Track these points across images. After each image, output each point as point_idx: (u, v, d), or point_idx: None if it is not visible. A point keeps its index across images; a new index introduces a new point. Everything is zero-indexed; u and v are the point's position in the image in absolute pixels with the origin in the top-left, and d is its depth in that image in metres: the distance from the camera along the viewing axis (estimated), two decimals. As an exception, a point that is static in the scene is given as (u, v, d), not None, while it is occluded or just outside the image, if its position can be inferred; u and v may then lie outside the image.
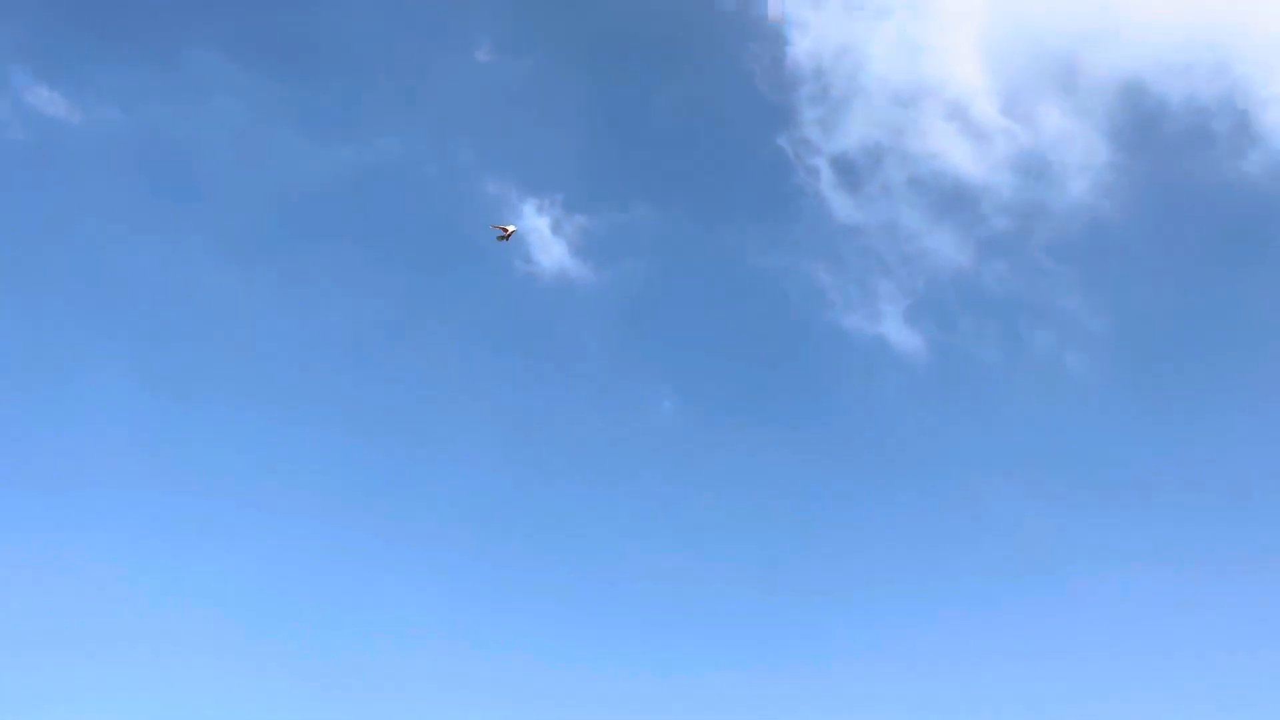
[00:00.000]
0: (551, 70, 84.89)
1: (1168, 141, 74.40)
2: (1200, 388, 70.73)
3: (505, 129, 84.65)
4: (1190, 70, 72.93)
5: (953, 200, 75.33)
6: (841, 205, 77.95)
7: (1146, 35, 73.25)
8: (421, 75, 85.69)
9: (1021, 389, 73.91)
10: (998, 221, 74.94)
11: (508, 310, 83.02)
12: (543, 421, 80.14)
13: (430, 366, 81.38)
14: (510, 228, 53.06)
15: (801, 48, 78.26)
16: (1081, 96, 74.57)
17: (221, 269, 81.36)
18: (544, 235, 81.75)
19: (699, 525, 74.88)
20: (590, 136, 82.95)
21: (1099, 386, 72.24)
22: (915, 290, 75.66)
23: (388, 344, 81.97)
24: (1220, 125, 73.30)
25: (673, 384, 78.44)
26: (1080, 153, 74.06)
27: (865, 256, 76.95)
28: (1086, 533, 69.23)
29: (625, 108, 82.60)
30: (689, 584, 71.89)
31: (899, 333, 75.28)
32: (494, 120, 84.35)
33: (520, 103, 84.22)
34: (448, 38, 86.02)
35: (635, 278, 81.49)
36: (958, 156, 75.07)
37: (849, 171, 77.83)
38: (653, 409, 78.26)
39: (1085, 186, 73.58)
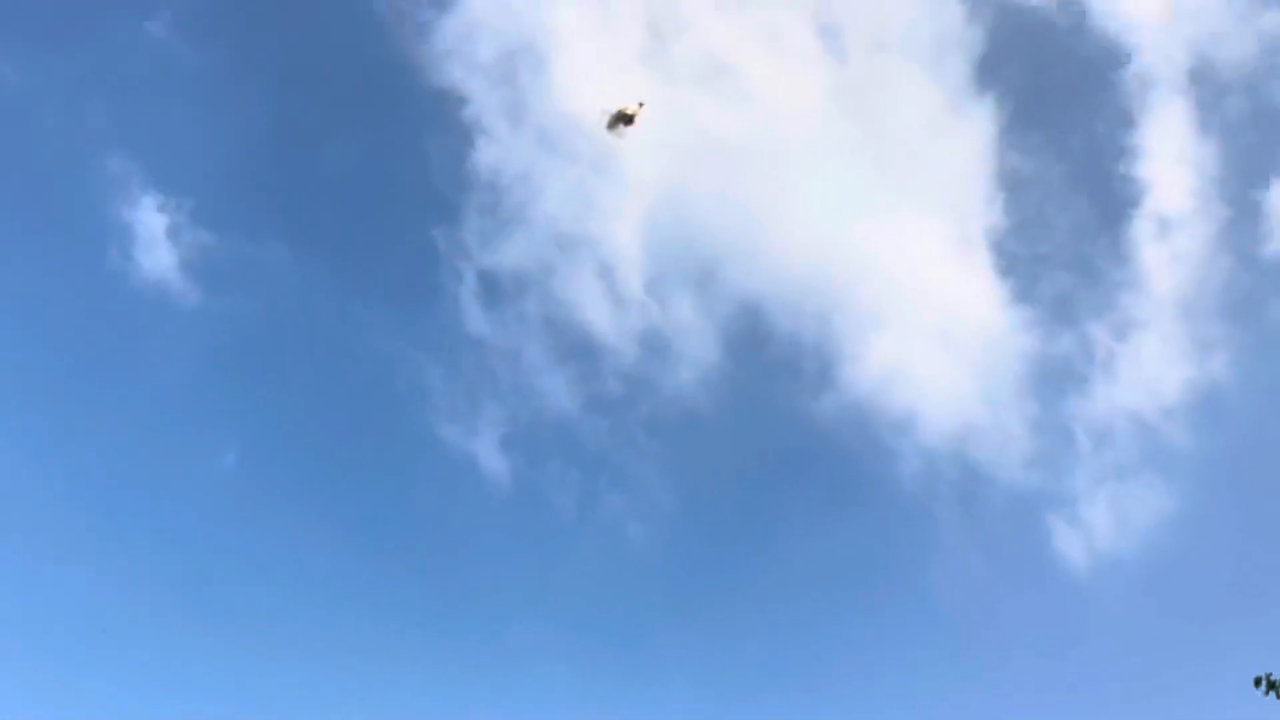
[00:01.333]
0: (225, 74, 77.98)
1: (766, 364, 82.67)
2: (734, 589, 77.61)
3: (152, 111, 76.27)
4: (800, 310, 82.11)
5: (578, 351, 78.25)
6: (476, 318, 77.98)
7: (776, 267, 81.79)
8: (75, 24, 75.63)
9: (584, 542, 76.47)
10: (611, 384, 78.66)
11: (80, 305, 72.58)
12: (82, 437, 70.31)
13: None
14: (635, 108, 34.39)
15: (485, 157, 78.76)
16: (711, 300, 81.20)
17: None
18: (156, 237, 73.48)
19: (224, 596, 68.88)
20: (243, 154, 76.37)
21: (649, 559, 76.23)
22: (518, 421, 76.85)
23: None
24: (809, 365, 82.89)
25: (243, 440, 72.08)
26: (696, 348, 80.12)
27: (482, 374, 77.16)
28: (605, 697, 72.26)
29: (292, 141, 77.32)
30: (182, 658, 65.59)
31: (490, 456, 75.51)
32: (143, 98, 75.72)
33: (179, 93, 76.18)
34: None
35: (241, 316, 74.73)
36: (595, 314, 78.45)
37: (493, 289, 78.37)
38: (212, 460, 71.49)
39: (692, 379, 79.37)
